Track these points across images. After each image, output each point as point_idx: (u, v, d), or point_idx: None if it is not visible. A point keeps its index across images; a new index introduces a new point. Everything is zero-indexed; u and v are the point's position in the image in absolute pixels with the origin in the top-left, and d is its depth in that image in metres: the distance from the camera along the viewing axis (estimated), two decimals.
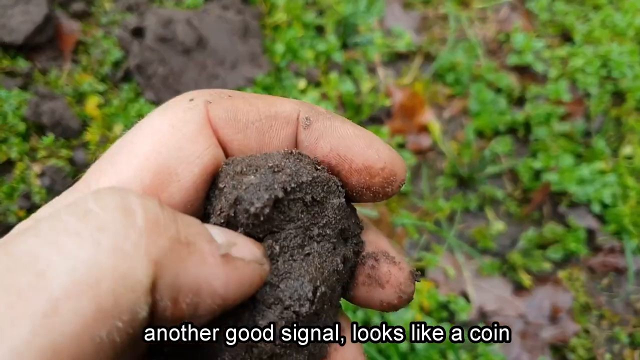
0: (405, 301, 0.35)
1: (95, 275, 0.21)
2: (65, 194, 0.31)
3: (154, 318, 0.24)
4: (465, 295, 1.37)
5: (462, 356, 1.26)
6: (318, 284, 0.31)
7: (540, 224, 1.46)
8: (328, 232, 0.33)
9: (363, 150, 0.32)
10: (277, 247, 0.31)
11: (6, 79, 1.42)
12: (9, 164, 1.38)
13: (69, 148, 1.39)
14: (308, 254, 0.32)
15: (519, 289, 1.40)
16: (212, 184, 0.32)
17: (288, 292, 0.30)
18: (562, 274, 1.41)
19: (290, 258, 0.31)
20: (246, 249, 0.28)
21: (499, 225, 1.44)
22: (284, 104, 0.33)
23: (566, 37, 1.68)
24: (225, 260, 0.27)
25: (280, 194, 0.30)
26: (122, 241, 0.22)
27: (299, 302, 0.30)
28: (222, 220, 0.31)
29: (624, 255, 1.41)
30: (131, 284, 0.22)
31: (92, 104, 1.42)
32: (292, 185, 0.31)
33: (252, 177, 0.30)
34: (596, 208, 1.43)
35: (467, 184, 1.48)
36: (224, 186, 0.31)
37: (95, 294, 0.21)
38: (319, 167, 0.34)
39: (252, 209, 0.30)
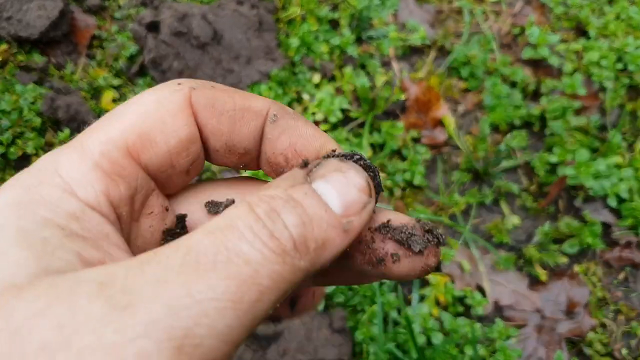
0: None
1: None
2: (59, 149, 0.34)
3: None
4: (481, 290, 1.37)
5: (479, 351, 1.26)
6: None
7: (556, 218, 1.45)
8: None
9: (316, 149, 0.38)
10: None
11: (22, 73, 1.42)
12: (25, 158, 1.39)
13: None
14: None
15: (535, 283, 1.39)
16: None
17: None
18: (578, 268, 1.40)
19: None
20: (358, 202, 0.33)
21: (514, 219, 1.44)
22: (258, 100, 0.38)
23: (581, 30, 1.67)
24: (346, 232, 0.32)
25: None
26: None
27: None
28: None
29: None
30: None
31: (107, 99, 1.42)
32: None
33: None
34: (612, 202, 1.42)
35: (482, 178, 1.47)
36: None
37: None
38: None
39: None
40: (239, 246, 0.28)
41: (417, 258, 0.36)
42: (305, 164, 0.35)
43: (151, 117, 0.35)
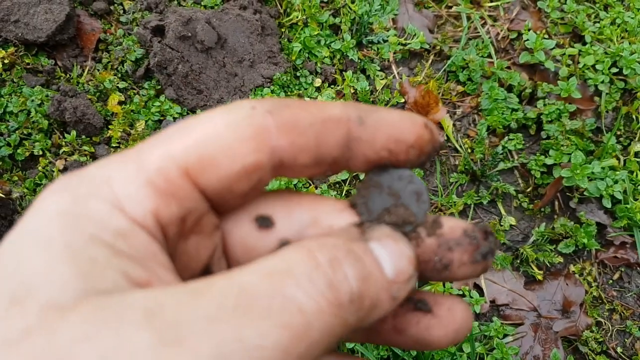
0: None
1: None
2: (116, 158, 0.33)
3: None
4: (478, 289, 1.40)
5: (477, 348, 1.29)
6: None
7: (551, 218, 1.49)
8: None
9: (410, 128, 0.38)
10: None
11: (29, 76, 1.45)
12: (32, 159, 1.42)
13: (90, 144, 1.42)
14: None
15: (531, 282, 1.42)
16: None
17: None
18: (573, 268, 1.43)
19: None
20: (406, 272, 0.34)
21: (511, 220, 1.47)
22: (334, 107, 0.37)
23: (577, 35, 1.71)
24: (393, 299, 0.33)
25: None
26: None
27: None
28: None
29: (635, 249, 1.44)
30: None
31: (113, 101, 1.45)
32: None
33: None
34: (607, 203, 1.45)
35: (479, 180, 1.51)
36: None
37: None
38: None
39: None
40: (295, 293, 0.28)
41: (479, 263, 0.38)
42: (360, 224, 0.36)
43: (218, 140, 0.34)
